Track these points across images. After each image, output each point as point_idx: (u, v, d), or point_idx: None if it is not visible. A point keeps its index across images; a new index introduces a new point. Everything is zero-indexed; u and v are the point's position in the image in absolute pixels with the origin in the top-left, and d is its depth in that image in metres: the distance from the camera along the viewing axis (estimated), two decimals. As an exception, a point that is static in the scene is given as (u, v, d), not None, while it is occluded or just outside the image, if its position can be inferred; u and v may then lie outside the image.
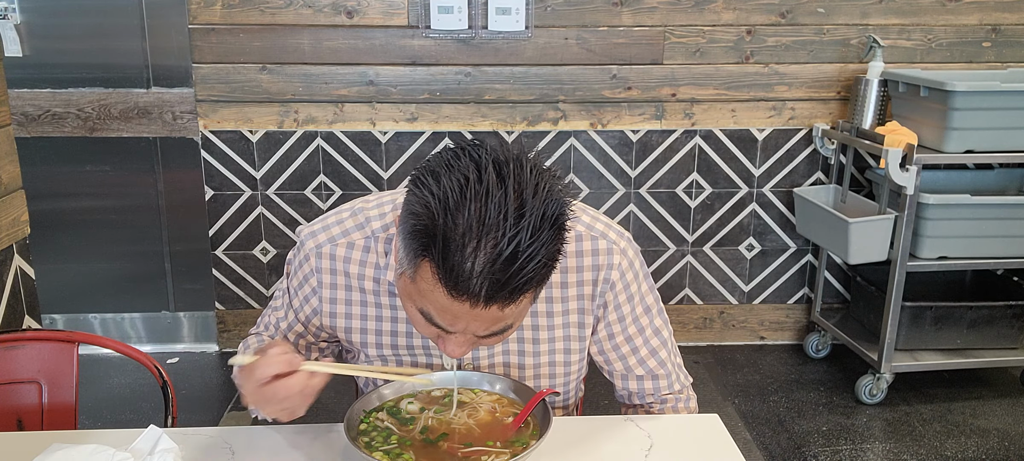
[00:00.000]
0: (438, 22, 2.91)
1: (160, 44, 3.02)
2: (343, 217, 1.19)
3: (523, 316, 1.00)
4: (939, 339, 2.89)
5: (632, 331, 1.24)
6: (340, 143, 3.07)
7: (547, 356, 1.23)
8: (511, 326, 0.99)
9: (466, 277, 0.86)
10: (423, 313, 0.96)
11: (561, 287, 1.18)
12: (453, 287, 0.88)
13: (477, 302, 0.89)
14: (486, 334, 0.97)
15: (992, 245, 2.77)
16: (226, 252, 3.18)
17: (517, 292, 0.89)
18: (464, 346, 1.00)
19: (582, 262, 1.17)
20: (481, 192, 0.86)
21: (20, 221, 2.15)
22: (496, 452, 1.02)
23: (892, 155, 2.59)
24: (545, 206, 0.88)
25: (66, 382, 1.44)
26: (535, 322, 1.20)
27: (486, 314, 0.91)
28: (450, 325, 0.95)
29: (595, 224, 1.18)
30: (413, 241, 0.90)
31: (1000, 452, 2.61)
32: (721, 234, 3.26)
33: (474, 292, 0.88)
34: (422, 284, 0.92)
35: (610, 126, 3.08)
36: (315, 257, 1.18)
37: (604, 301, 1.20)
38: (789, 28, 3.02)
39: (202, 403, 2.92)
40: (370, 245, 1.16)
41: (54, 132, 3.06)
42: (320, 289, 1.19)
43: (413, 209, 0.90)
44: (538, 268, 0.88)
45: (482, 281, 0.87)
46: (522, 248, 0.86)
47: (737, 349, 3.37)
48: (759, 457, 2.59)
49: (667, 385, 1.29)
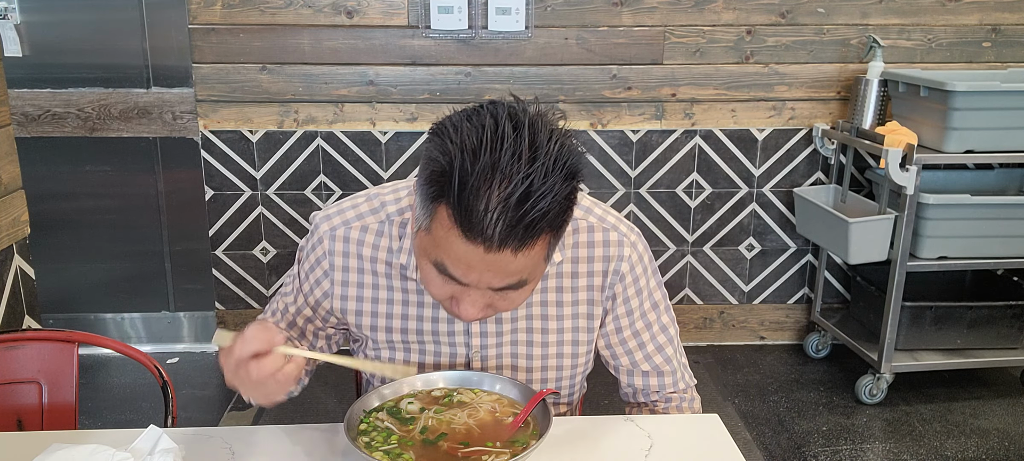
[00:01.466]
0: (438, 22, 2.91)
1: (160, 44, 3.02)
2: (358, 202, 1.21)
3: (537, 274, 1.01)
4: (939, 339, 2.89)
5: (640, 326, 1.25)
6: (340, 143, 3.07)
7: (555, 347, 1.23)
8: (525, 284, 0.99)
9: (480, 217, 0.88)
10: (438, 266, 0.97)
11: (571, 277, 1.20)
12: (468, 228, 0.90)
13: (491, 245, 0.90)
14: (501, 287, 0.98)
15: (992, 245, 2.77)
16: (226, 252, 3.18)
17: (529, 234, 0.91)
18: (479, 306, 1.00)
19: (593, 253, 1.19)
20: (497, 138, 0.89)
21: (20, 221, 2.15)
22: (496, 452, 1.02)
23: (892, 155, 2.59)
24: (558, 152, 0.91)
25: (66, 382, 1.44)
26: (545, 311, 1.21)
27: (500, 261, 0.92)
28: (465, 276, 0.95)
29: (606, 217, 1.21)
30: (430, 186, 0.93)
31: (1000, 452, 2.61)
32: (721, 234, 3.26)
33: (488, 233, 0.89)
34: (438, 232, 0.94)
35: (610, 126, 3.08)
36: (329, 240, 1.19)
37: (613, 293, 1.21)
38: (789, 28, 3.02)
39: (202, 403, 2.92)
40: (384, 229, 1.18)
41: (54, 132, 3.06)
42: (332, 272, 1.20)
43: (431, 156, 0.93)
44: (550, 210, 0.90)
45: (495, 221, 0.88)
46: (535, 187, 0.88)
47: (737, 349, 3.37)
48: (759, 457, 2.59)
49: (672, 382, 1.29)
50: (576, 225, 1.19)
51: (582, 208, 1.20)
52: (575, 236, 1.19)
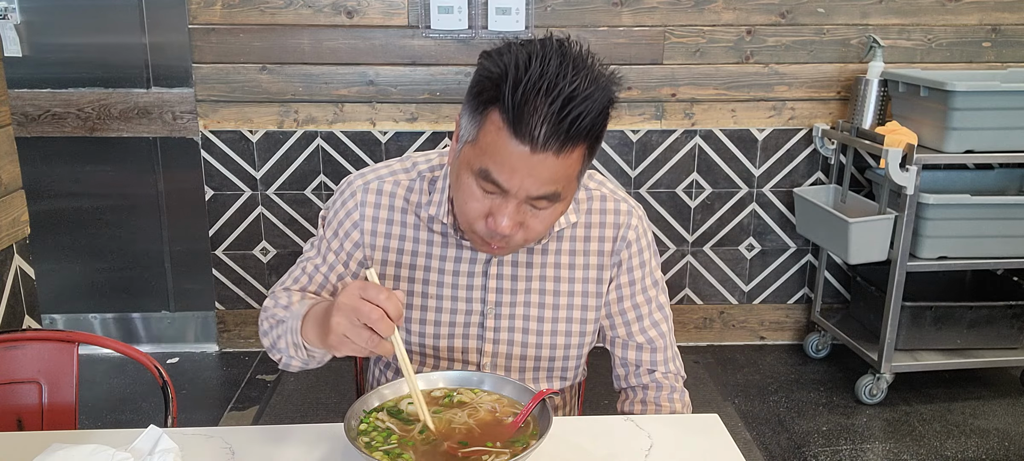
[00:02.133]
0: (438, 22, 2.91)
1: (160, 44, 3.02)
2: (391, 163, 1.30)
3: (568, 193, 1.10)
4: (939, 339, 2.89)
5: (640, 299, 1.31)
6: (340, 143, 3.07)
7: (565, 311, 1.29)
8: (558, 198, 1.08)
9: (529, 114, 0.99)
10: (482, 175, 1.05)
11: (584, 240, 1.28)
12: (518, 127, 1.00)
13: (536, 145, 1.01)
14: (537, 196, 1.06)
15: (992, 245, 2.77)
16: (226, 252, 3.18)
17: (570, 138, 1.01)
18: (513, 220, 1.07)
19: (604, 219, 1.29)
20: (546, 54, 1.01)
21: (20, 221, 2.15)
22: (496, 452, 1.02)
23: (892, 155, 2.59)
24: (600, 71, 1.04)
25: (66, 382, 1.44)
26: (557, 273, 1.27)
27: (542, 164, 1.02)
28: (508, 180, 1.04)
29: (617, 191, 1.32)
30: (482, 94, 1.04)
31: (1000, 452, 2.61)
32: (721, 234, 3.26)
33: (535, 133, 1.00)
34: (486, 138, 1.04)
35: (610, 126, 3.07)
36: (362, 192, 1.26)
37: (619, 260, 1.29)
38: (789, 28, 3.02)
39: (202, 403, 2.92)
40: (414, 185, 1.26)
41: (54, 132, 3.06)
42: (362, 222, 1.26)
43: (483, 70, 1.05)
44: (589, 114, 1.01)
45: (542, 120, 0.99)
46: (578, 92, 1.00)
47: (737, 349, 3.37)
48: (759, 457, 2.59)
49: (663, 360, 1.33)
50: (590, 193, 1.29)
51: (595, 181, 1.31)
52: (589, 203, 1.28)
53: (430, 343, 1.29)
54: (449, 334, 1.28)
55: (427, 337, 1.29)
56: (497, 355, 1.29)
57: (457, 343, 1.29)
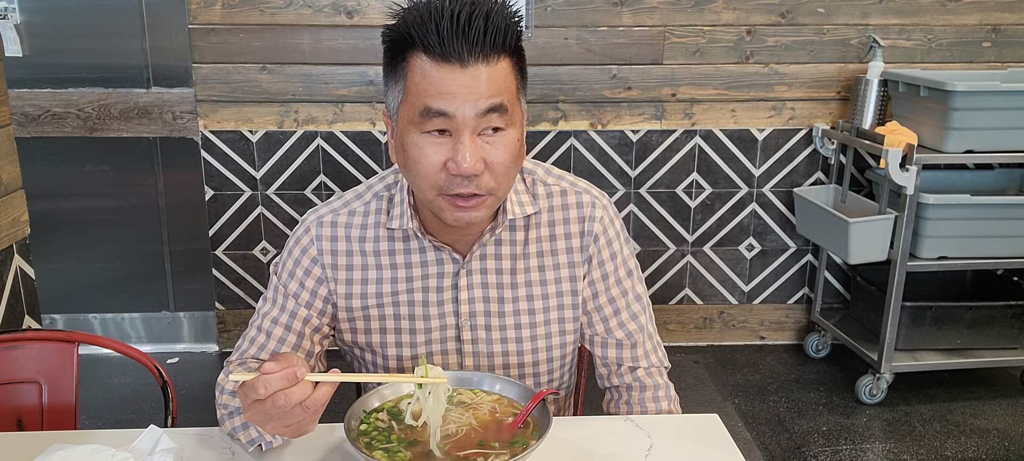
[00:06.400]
0: (438, 22, 2.90)
1: (160, 44, 3.03)
2: (344, 195, 1.29)
3: (516, 109, 1.09)
4: (939, 339, 2.89)
5: (615, 292, 1.28)
6: (340, 143, 3.07)
7: (542, 315, 1.26)
8: (506, 108, 1.06)
9: (447, 37, 1.01)
10: (425, 113, 1.04)
11: (550, 240, 1.25)
12: (439, 52, 1.02)
13: (463, 59, 1.02)
14: (485, 110, 1.04)
15: (992, 245, 2.77)
16: (226, 252, 3.18)
17: (492, 41, 1.03)
18: (474, 153, 1.05)
19: (569, 215, 1.26)
20: None
21: (20, 221, 2.15)
22: (496, 452, 1.02)
23: (892, 155, 2.59)
24: None
25: (66, 382, 1.44)
26: (528, 278, 1.25)
27: (476, 78, 1.03)
28: (450, 104, 1.03)
29: (578, 182, 1.28)
30: (396, 49, 1.07)
31: (1000, 452, 2.61)
32: (721, 234, 3.26)
33: (457, 47, 1.02)
34: (414, 80, 1.05)
35: (610, 126, 3.08)
36: (316, 226, 1.24)
37: (589, 255, 1.26)
38: (789, 28, 3.02)
39: (202, 403, 2.92)
40: (369, 207, 1.24)
41: (54, 132, 3.06)
42: (321, 257, 1.23)
43: (391, 36, 1.08)
44: (499, 14, 1.03)
45: (459, 34, 1.02)
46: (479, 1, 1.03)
47: (737, 349, 3.37)
48: (759, 457, 2.59)
49: (643, 354, 1.30)
50: (549, 190, 1.26)
51: (553, 176, 1.28)
52: (549, 200, 1.25)
53: (409, 363, 1.26)
54: (427, 352, 1.26)
55: (405, 359, 1.26)
56: (479, 368, 1.26)
57: (436, 360, 1.26)
